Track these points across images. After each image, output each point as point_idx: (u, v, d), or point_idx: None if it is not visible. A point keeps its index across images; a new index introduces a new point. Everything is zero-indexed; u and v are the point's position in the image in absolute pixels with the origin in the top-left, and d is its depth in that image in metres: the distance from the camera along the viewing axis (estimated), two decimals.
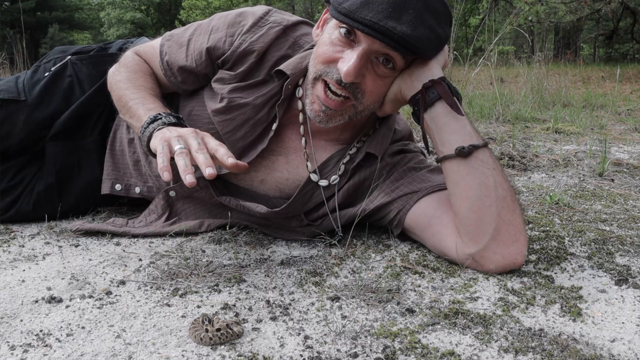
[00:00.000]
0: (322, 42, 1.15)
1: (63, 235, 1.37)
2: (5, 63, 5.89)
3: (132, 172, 1.46)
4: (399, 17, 1.03)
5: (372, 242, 1.33)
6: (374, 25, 1.03)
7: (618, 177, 2.11)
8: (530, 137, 3.06)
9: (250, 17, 1.28)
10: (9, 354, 0.81)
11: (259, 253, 1.26)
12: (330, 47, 1.12)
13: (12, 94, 1.46)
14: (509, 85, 5.94)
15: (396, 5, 1.04)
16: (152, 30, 29.75)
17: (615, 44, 17.52)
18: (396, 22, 1.03)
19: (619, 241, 1.34)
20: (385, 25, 1.03)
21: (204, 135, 1.11)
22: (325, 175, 1.31)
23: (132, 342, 0.84)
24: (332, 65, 1.12)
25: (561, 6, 12.57)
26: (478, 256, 1.11)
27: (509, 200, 1.10)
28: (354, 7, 1.05)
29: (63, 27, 27.41)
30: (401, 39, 1.04)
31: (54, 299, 0.99)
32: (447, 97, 1.12)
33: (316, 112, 1.18)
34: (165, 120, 1.16)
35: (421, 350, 0.83)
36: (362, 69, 1.10)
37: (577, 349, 0.83)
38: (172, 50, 1.33)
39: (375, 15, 1.03)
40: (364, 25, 1.04)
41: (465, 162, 1.11)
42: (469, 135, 1.13)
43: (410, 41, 1.04)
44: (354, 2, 1.05)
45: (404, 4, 1.04)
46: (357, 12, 1.04)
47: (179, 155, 1.05)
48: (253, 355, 0.81)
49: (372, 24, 1.03)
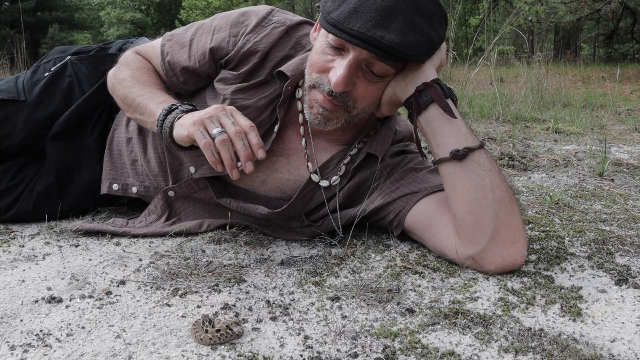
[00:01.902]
0: (315, 50, 1.15)
1: (63, 235, 1.37)
2: (5, 63, 5.89)
3: (129, 171, 1.46)
4: (387, 25, 1.03)
5: (372, 242, 1.33)
6: (361, 35, 1.02)
7: (618, 177, 2.11)
8: (530, 137, 3.06)
9: (253, 17, 1.28)
10: (9, 354, 0.81)
11: (259, 253, 1.26)
12: (322, 56, 1.12)
13: (12, 94, 1.46)
14: (508, 85, 5.94)
15: (385, 12, 1.03)
16: (152, 30, 29.74)
17: (615, 44, 17.52)
18: (384, 30, 1.02)
19: (619, 241, 1.34)
20: (373, 35, 1.02)
21: (231, 110, 1.13)
22: (326, 176, 1.31)
23: (132, 342, 0.84)
24: (323, 75, 1.13)
25: (561, 6, 12.57)
26: (477, 257, 1.11)
27: (506, 201, 1.10)
28: (341, 17, 1.04)
29: (63, 27, 27.41)
30: (390, 48, 1.03)
31: (54, 299, 0.99)
32: (439, 100, 1.12)
33: (315, 115, 1.18)
34: (182, 108, 1.16)
35: (421, 350, 0.83)
36: (352, 78, 1.10)
37: (577, 349, 0.83)
38: (173, 51, 1.32)
39: (363, 25, 1.02)
40: (352, 37, 1.03)
41: (460, 165, 1.11)
42: (464, 138, 1.12)
43: (399, 49, 1.04)
44: (342, 11, 1.04)
45: (393, 10, 1.03)
46: (344, 23, 1.03)
47: (221, 144, 1.07)
48: (253, 355, 0.81)
49: (360, 34, 1.02)
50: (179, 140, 1.13)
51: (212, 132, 1.08)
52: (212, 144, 1.08)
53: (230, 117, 1.10)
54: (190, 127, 1.09)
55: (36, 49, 22.13)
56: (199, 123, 1.09)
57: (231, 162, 1.08)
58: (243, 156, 1.08)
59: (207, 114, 1.10)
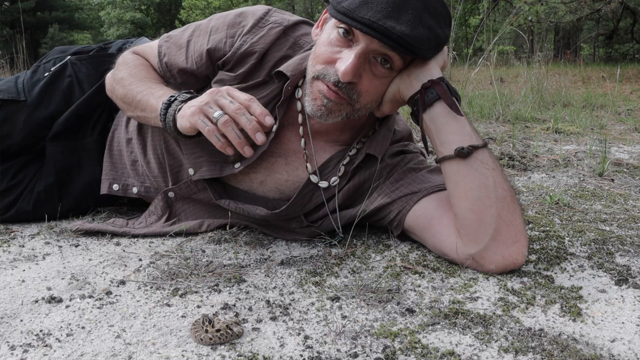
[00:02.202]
0: (320, 42, 1.15)
1: (63, 235, 1.37)
2: (5, 63, 5.89)
3: (129, 172, 1.46)
4: (398, 16, 1.03)
5: (372, 242, 1.33)
6: (372, 24, 1.03)
7: (618, 177, 2.11)
8: (530, 137, 3.06)
9: (250, 18, 1.28)
10: (9, 354, 0.81)
11: (259, 253, 1.26)
12: (328, 48, 1.12)
13: (12, 94, 1.46)
14: (508, 85, 5.93)
15: (396, 5, 1.04)
16: (152, 30, 29.74)
17: (615, 44, 17.51)
18: (395, 21, 1.03)
19: (619, 241, 1.34)
20: (384, 24, 1.02)
21: (227, 89, 1.12)
22: (325, 177, 1.31)
23: (132, 342, 0.84)
24: (329, 66, 1.12)
25: (561, 6, 12.57)
26: (478, 257, 1.11)
27: (508, 200, 1.10)
28: (353, 6, 1.05)
29: (63, 27, 27.40)
30: (400, 38, 1.04)
31: (54, 299, 0.99)
32: (446, 98, 1.12)
33: (318, 107, 1.16)
34: (180, 98, 1.16)
35: (421, 350, 0.83)
36: (359, 69, 1.09)
37: (577, 349, 0.83)
38: (171, 52, 1.32)
39: (375, 14, 1.03)
40: (363, 25, 1.03)
41: (464, 163, 1.11)
42: (468, 136, 1.12)
43: (409, 41, 1.04)
44: (353, 1, 1.05)
45: (403, 3, 1.04)
46: (356, 11, 1.04)
47: (224, 126, 1.06)
48: (253, 355, 0.81)
49: (371, 23, 1.03)
50: (185, 132, 1.13)
51: (213, 116, 1.07)
52: (216, 129, 1.07)
53: (227, 97, 1.10)
54: (191, 118, 1.09)
55: (36, 49, 22.13)
56: (198, 112, 1.08)
57: (239, 141, 1.07)
58: (250, 129, 1.06)
59: (203, 101, 1.10)
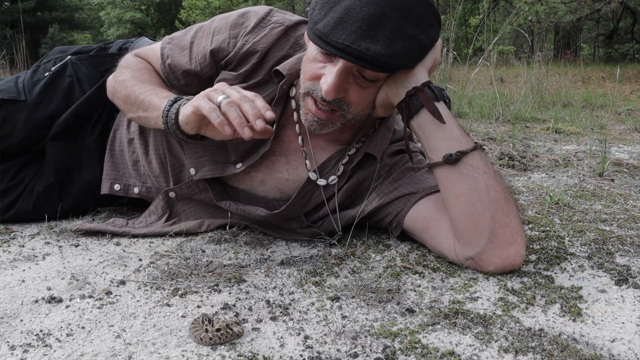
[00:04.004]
0: (306, 59, 1.15)
1: (63, 235, 1.37)
2: (5, 63, 5.89)
3: (131, 172, 1.46)
4: (373, 34, 1.02)
5: (372, 242, 1.33)
6: (346, 48, 1.01)
7: (618, 177, 2.11)
8: (530, 137, 3.06)
9: (252, 18, 1.28)
10: (9, 354, 0.81)
11: (259, 253, 1.26)
12: (313, 64, 1.12)
13: (12, 94, 1.46)
14: (508, 85, 5.94)
15: (372, 21, 1.01)
16: (152, 30, 29.73)
17: (615, 44, 17.52)
18: (370, 41, 1.01)
19: (619, 241, 1.34)
20: (358, 47, 1.01)
21: (234, 87, 1.11)
22: (324, 176, 1.31)
23: (132, 342, 0.84)
24: (316, 82, 1.12)
25: (561, 6, 12.58)
26: (476, 259, 1.11)
27: (502, 202, 1.09)
28: (327, 28, 1.03)
29: (63, 27, 27.41)
30: (375, 59, 1.02)
31: (54, 299, 0.99)
32: (429, 105, 1.11)
33: (310, 122, 1.19)
34: (187, 97, 1.15)
35: (421, 350, 0.83)
36: (342, 85, 1.09)
37: (577, 349, 0.83)
38: (174, 54, 1.32)
39: (349, 36, 1.01)
40: (337, 49, 1.02)
41: (454, 169, 1.11)
42: (456, 141, 1.11)
43: (385, 60, 1.03)
44: (328, 22, 1.04)
45: (380, 19, 1.02)
46: (330, 35, 1.03)
47: (227, 106, 1.03)
48: (253, 355, 0.81)
49: (345, 47, 1.01)
50: (185, 123, 1.11)
51: (217, 100, 1.05)
52: (217, 108, 1.04)
53: (234, 88, 1.09)
54: (195, 100, 1.08)
55: (36, 49, 22.12)
56: (203, 96, 1.07)
57: (240, 121, 1.02)
58: (252, 115, 1.02)
59: (212, 88, 1.09)
